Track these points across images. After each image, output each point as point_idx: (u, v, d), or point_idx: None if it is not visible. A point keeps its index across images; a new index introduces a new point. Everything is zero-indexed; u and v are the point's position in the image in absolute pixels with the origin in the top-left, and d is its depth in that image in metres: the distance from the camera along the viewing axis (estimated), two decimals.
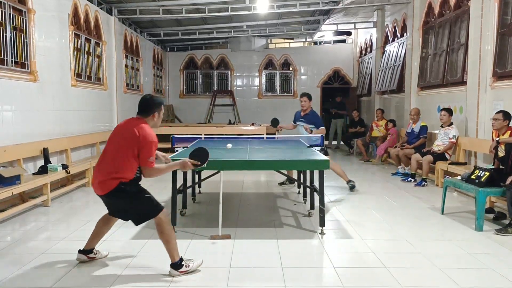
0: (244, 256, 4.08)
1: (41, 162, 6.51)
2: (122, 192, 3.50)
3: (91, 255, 3.87)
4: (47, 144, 6.68)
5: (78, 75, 8.33)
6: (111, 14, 10.14)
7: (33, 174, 6.21)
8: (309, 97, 7.12)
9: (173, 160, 4.15)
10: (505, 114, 5.63)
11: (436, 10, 8.83)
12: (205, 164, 3.77)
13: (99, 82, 9.41)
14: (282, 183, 7.60)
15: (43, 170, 6.26)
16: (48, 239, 4.58)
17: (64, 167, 6.65)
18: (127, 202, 3.57)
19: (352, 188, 7.06)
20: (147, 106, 3.65)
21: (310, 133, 6.83)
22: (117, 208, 3.70)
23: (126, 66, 11.29)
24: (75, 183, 7.18)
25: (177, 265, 3.57)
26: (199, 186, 6.92)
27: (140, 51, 12.48)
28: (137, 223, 3.71)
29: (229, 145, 5.35)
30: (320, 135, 6.58)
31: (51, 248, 4.25)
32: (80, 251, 3.86)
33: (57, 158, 7.20)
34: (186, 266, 3.59)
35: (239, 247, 4.30)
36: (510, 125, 5.65)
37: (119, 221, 3.90)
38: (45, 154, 6.54)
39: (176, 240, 3.62)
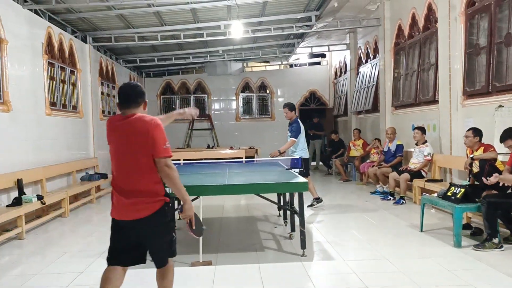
0: (226, 282, 4.03)
1: (15, 194, 6.33)
2: (163, 216, 2.88)
3: None
4: (21, 174, 6.53)
5: (53, 103, 8.22)
6: (85, 42, 10.11)
7: (7, 206, 6.03)
8: (289, 107, 7.21)
9: None
10: (475, 130, 5.73)
11: (406, 32, 9.10)
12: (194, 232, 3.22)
13: (74, 110, 9.30)
14: (311, 205, 7.36)
15: (17, 202, 6.09)
16: (21, 274, 4.43)
17: (39, 197, 6.49)
18: (162, 230, 2.91)
19: (312, 204, 7.30)
20: (139, 93, 2.98)
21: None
22: (145, 239, 2.90)
23: (102, 93, 11.20)
24: (51, 214, 7.00)
25: None
26: (179, 212, 6.81)
27: (116, 78, 12.42)
28: (159, 263, 2.97)
29: None
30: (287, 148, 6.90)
31: (25, 284, 4.10)
32: None
33: (31, 189, 7.01)
34: None
35: (220, 273, 4.25)
36: (481, 142, 5.78)
37: None
38: (19, 185, 6.37)
39: None
